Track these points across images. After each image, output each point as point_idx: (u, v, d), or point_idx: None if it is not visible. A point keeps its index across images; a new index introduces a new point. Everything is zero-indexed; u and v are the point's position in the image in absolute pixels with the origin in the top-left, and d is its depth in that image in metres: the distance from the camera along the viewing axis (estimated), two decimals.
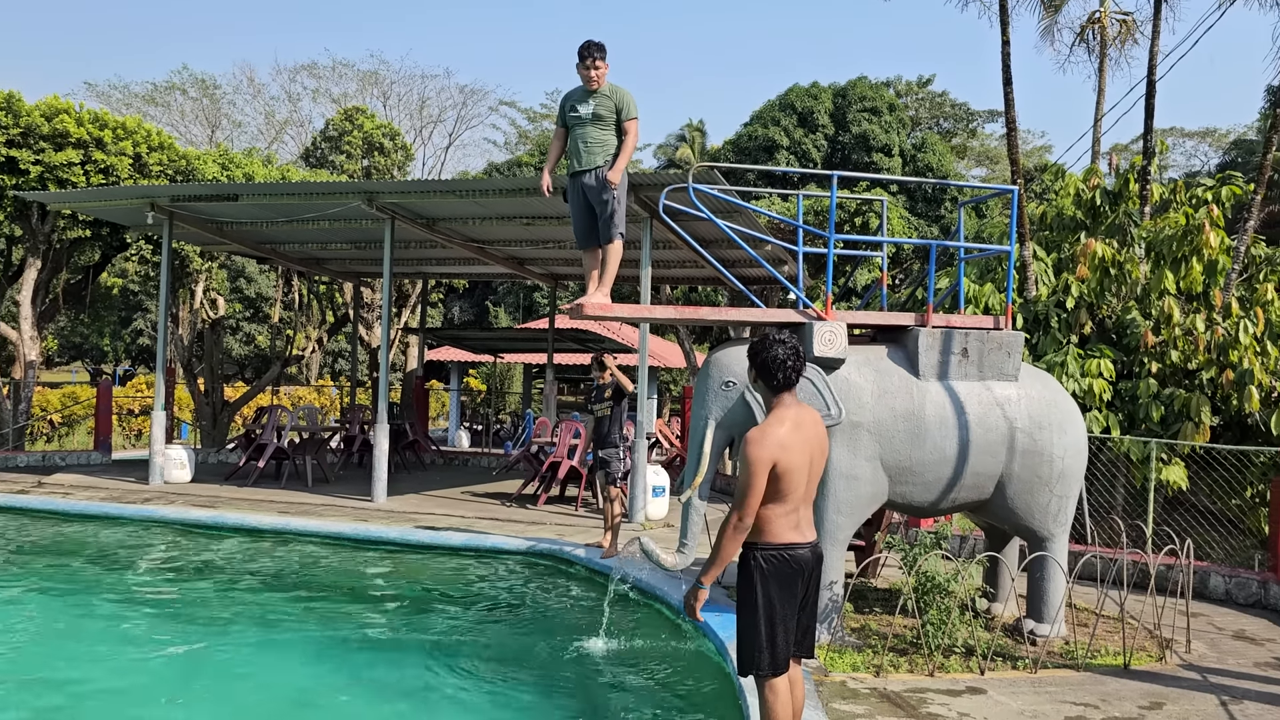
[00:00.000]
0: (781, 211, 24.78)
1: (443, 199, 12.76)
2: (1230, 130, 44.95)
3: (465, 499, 13.48)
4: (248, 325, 36.21)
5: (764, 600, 4.21)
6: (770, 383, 4.33)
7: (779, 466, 4.13)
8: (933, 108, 47.66)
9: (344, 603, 8.46)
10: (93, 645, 6.97)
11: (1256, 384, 10.66)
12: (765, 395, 4.39)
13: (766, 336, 4.41)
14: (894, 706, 5.55)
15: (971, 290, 12.18)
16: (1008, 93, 12.75)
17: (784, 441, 4.17)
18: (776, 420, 4.25)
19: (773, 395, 4.35)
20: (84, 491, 13.05)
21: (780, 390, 4.33)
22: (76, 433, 25.10)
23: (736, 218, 11.80)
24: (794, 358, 4.31)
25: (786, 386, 4.33)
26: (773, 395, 4.35)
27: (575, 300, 7.36)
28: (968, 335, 7.05)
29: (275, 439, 14.63)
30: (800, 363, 4.35)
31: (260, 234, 15.64)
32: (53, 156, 15.53)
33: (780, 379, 4.31)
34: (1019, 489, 6.95)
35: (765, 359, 4.32)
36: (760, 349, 4.34)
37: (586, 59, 7.18)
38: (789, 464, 4.15)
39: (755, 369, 4.36)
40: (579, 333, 22.61)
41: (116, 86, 47.40)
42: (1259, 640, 7.50)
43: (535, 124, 55.23)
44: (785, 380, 4.31)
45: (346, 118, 41.08)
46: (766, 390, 4.36)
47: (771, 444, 4.15)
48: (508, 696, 6.05)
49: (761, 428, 4.22)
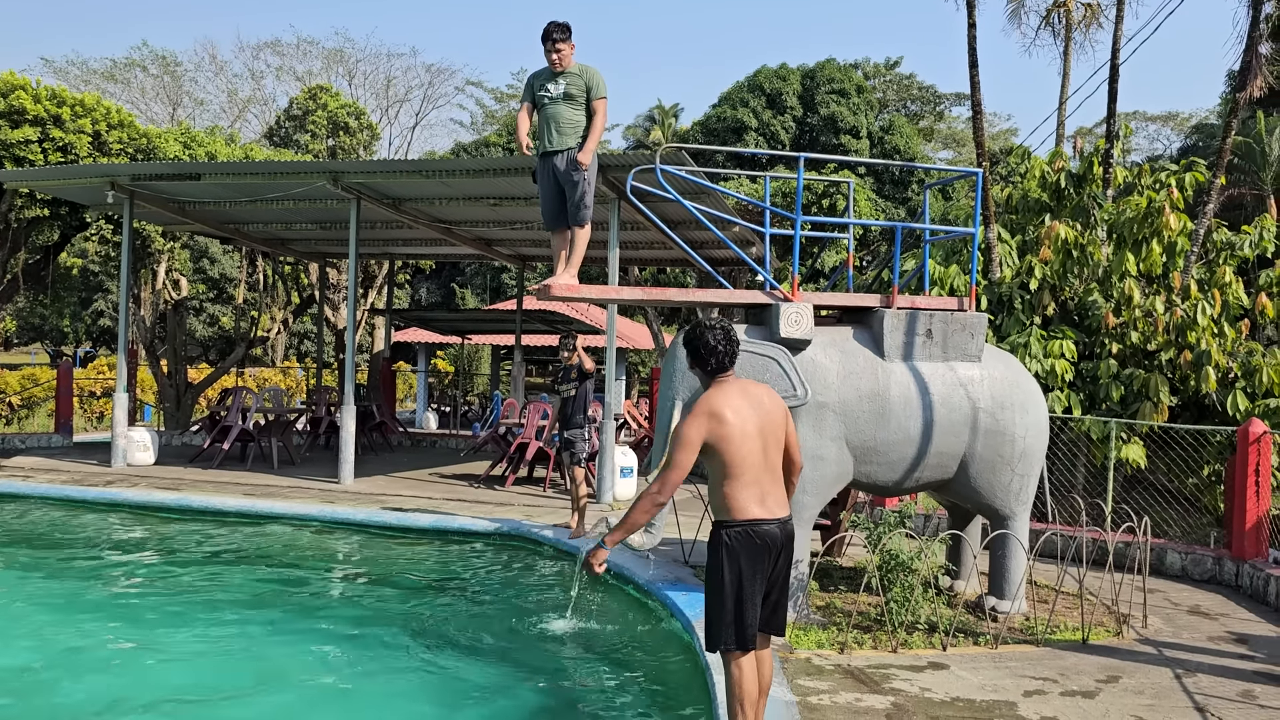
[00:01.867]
0: (750, 193, 24.82)
1: (409, 179, 12.66)
2: (1192, 115, 45.49)
3: (433, 480, 13.45)
4: (211, 306, 35.75)
5: (731, 576, 4.26)
6: (705, 367, 4.41)
7: (711, 439, 4.19)
8: (900, 90, 47.83)
9: (310, 584, 8.44)
10: (50, 628, 6.91)
11: (1213, 365, 10.84)
12: (703, 380, 4.46)
13: (699, 322, 4.48)
14: (858, 682, 5.64)
15: (937, 272, 12.29)
16: (974, 75, 12.81)
17: (716, 413, 4.22)
18: (707, 397, 4.33)
19: (710, 379, 4.40)
20: (45, 474, 12.88)
21: (715, 373, 4.39)
22: (37, 415, 24.69)
23: (704, 199, 11.81)
24: (725, 342, 4.38)
25: (720, 370, 4.39)
26: (710, 379, 4.40)
27: (543, 281, 7.35)
28: (932, 317, 7.12)
29: (240, 421, 14.51)
30: (733, 345, 4.41)
31: (223, 214, 15.45)
32: (9, 134, 15.21)
33: (714, 364, 4.39)
34: (981, 468, 7.05)
35: (698, 345, 4.38)
36: (693, 336, 4.41)
37: (549, 40, 7.16)
38: (722, 434, 4.20)
39: (690, 356, 4.42)
40: (547, 314, 22.55)
41: (74, 63, 46.62)
42: (1213, 615, 7.67)
43: (502, 104, 54.83)
44: (719, 364, 4.39)
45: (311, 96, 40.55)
46: (704, 374, 4.43)
47: (698, 419, 4.22)
48: (474, 676, 6.08)
49: (693, 406, 4.29)
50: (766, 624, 4.43)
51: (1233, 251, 12.52)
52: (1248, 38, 11.82)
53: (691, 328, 4.47)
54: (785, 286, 7.10)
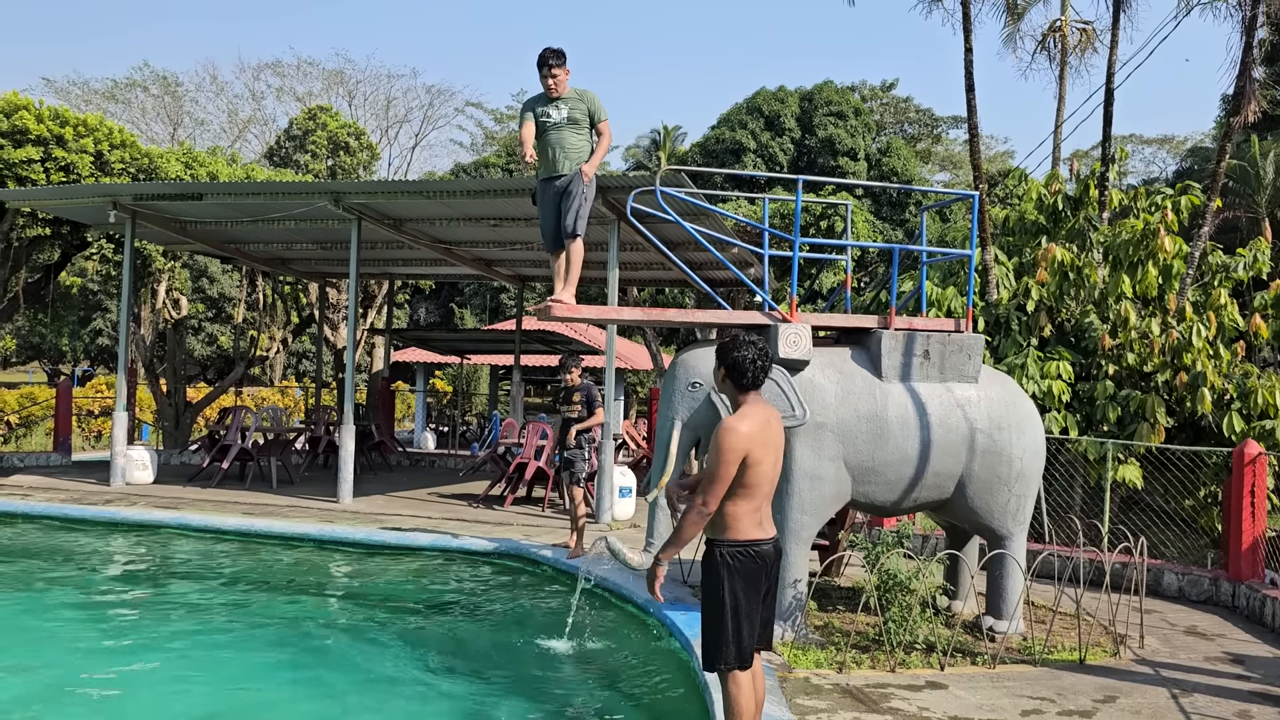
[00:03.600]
0: (748, 213, 24.94)
1: (410, 200, 12.75)
2: (1187, 138, 45.79)
3: (432, 500, 13.46)
4: (210, 325, 35.81)
5: (730, 596, 4.30)
6: (740, 382, 4.43)
7: (750, 457, 4.24)
8: (897, 113, 48.14)
9: (308, 603, 8.45)
10: (47, 648, 6.92)
11: (1209, 386, 10.90)
12: (732, 394, 4.48)
13: (736, 337, 4.52)
14: (856, 701, 5.66)
15: (934, 294, 12.36)
16: (970, 100, 12.94)
17: (754, 435, 4.28)
18: (747, 415, 4.35)
19: (740, 394, 4.45)
20: (44, 493, 12.89)
21: (748, 390, 4.43)
22: (34, 434, 24.72)
23: (703, 220, 11.90)
24: (762, 358, 4.43)
25: (754, 386, 4.43)
26: (740, 394, 4.45)
27: (543, 302, 7.41)
28: (929, 338, 7.18)
29: (239, 440, 14.53)
30: (768, 363, 4.48)
31: (225, 233, 15.53)
32: (12, 154, 15.30)
33: (749, 379, 4.42)
34: (979, 488, 7.09)
35: (736, 358, 4.42)
36: (730, 348, 4.45)
37: (545, 66, 7.25)
38: (758, 457, 4.26)
39: (725, 368, 4.46)
40: (546, 334, 22.61)
41: (76, 83, 46.79)
42: (1210, 635, 7.70)
43: (502, 125, 55.09)
44: (754, 380, 4.42)
45: (311, 117, 40.74)
46: (734, 389, 4.46)
47: (745, 434, 4.26)
48: (473, 694, 6.09)
49: (736, 418, 4.32)
50: (761, 638, 4.48)
51: (1228, 274, 12.59)
52: (1241, 63, 11.96)
53: (728, 340, 4.51)
54: (783, 307, 7.16)
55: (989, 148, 51.11)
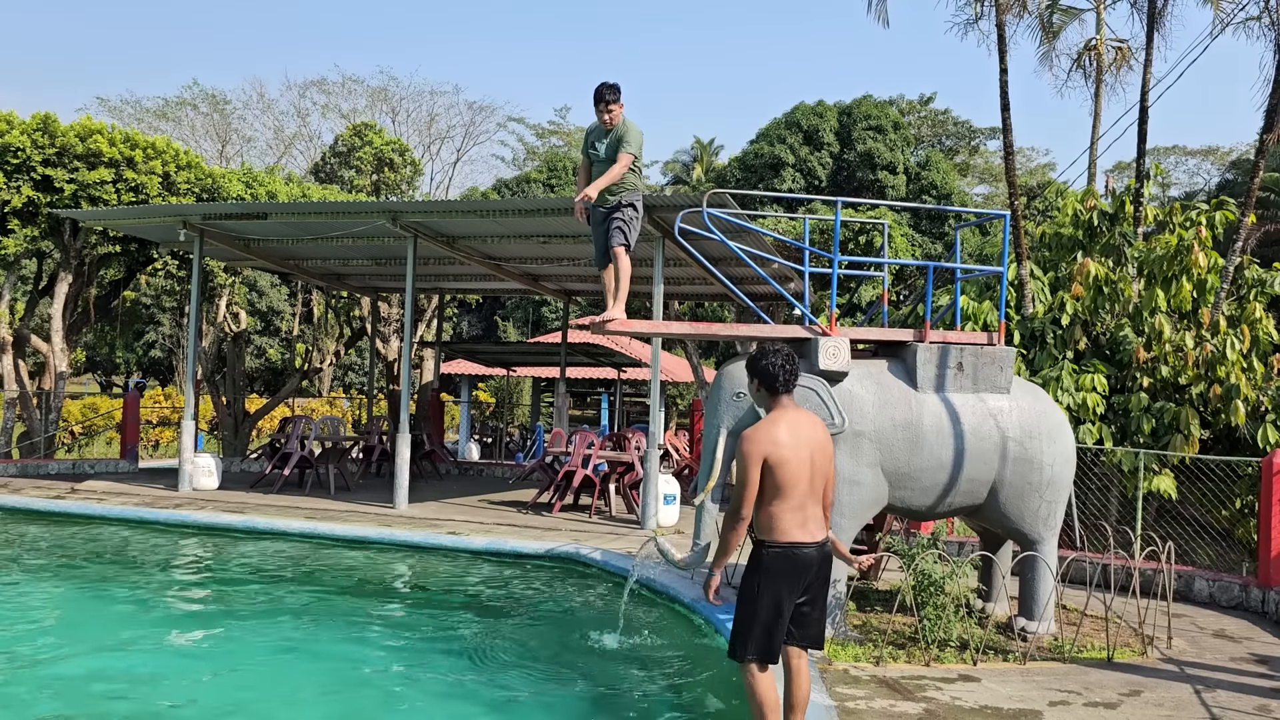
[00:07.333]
0: (787, 229, 25.32)
1: (464, 218, 13.31)
2: (1232, 149, 45.52)
3: (483, 506, 13.97)
4: (259, 338, 36.75)
5: (763, 594, 4.60)
6: (771, 386, 4.82)
7: (770, 459, 4.57)
8: (935, 126, 48.29)
9: (372, 602, 8.97)
10: (128, 638, 7.49)
11: (1243, 398, 11.13)
12: (765, 401, 4.89)
13: (763, 349, 4.93)
14: (892, 691, 6.05)
15: (971, 308, 12.69)
16: (1005, 119, 13.28)
17: (776, 438, 4.62)
18: (770, 421, 4.74)
19: (771, 399, 4.84)
20: (117, 498, 13.57)
21: (779, 394, 4.83)
22: (95, 443, 25.66)
23: (745, 237, 12.33)
24: (789, 362, 4.82)
25: (786, 389, 4.83)
26: (771, 399, 4.84)
27: (595, 316, 7.84)
28: (963, 351, 7.55)
29: (299, 448, 15.15)
30: (795, 367, 4.85)
31: (285, 250, 16.19)
32: (86, 175, 16.11)
33: (780, 383, 4.80)
34: (1010, 494, 7.44)
35: (763, 366, 4.82)
36: (758, 359, 4.87)
37: (600, 103, 7.67)
38: (781, 457, 4.58)
39: (756, 377, 4.87)
40: (590, 346, 23.11)
41: (128, 102, 48.24)
42: (1237, 638, 7.97)
43: (543, 140, 55.89)
44: (785, 383, 4.81)
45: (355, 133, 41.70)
46: (767, 395, 4.86)
47: (762, 440, 4.61)
48: (526, 687, 6.53)
49: (754, 427, 4.71)
50: (807, 639, 4.78)
51: (1263, 288, 12.80)
52: (1274, 81, 12.19)
53: (756, 352, 4.92)
54: (823, 321, 7.56)
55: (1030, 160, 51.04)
